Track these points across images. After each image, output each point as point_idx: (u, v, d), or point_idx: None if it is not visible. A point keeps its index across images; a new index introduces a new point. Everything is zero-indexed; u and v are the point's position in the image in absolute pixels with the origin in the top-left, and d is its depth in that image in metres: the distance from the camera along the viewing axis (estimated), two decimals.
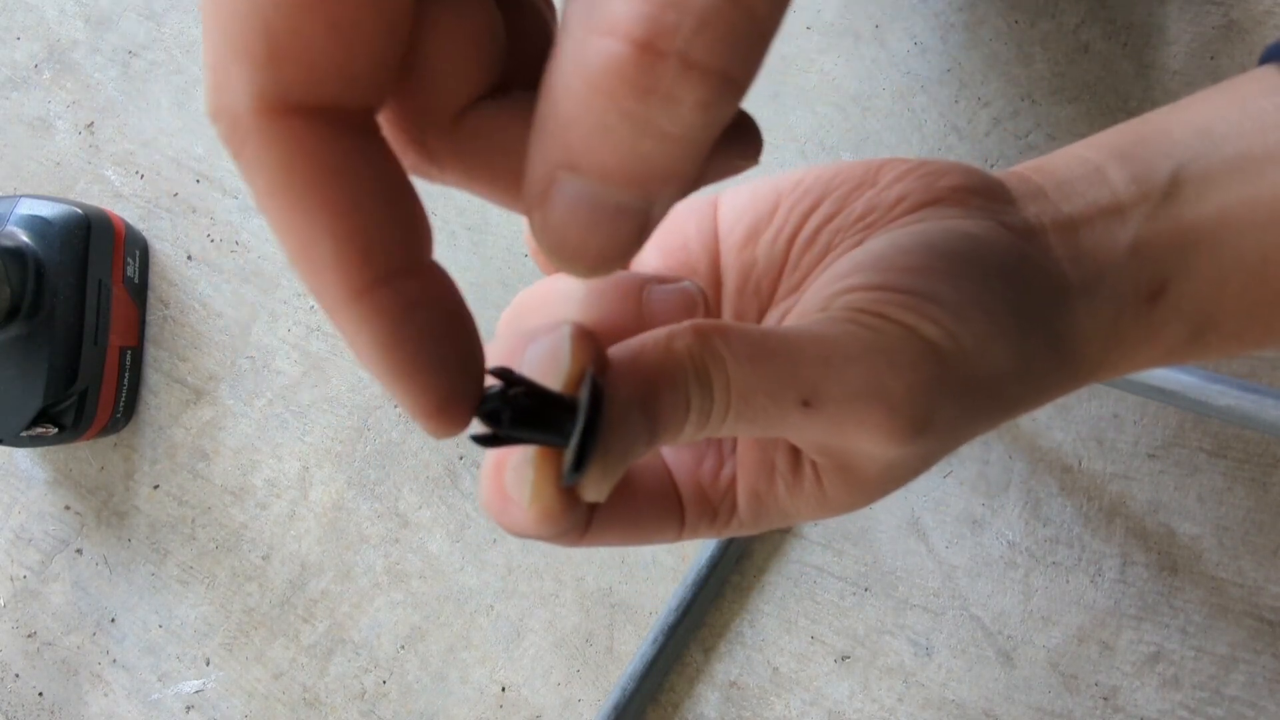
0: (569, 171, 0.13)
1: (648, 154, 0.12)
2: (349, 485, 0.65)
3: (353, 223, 0.14)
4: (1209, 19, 0.54)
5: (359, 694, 0.62)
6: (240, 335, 0.69)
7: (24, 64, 0.77)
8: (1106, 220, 0.20)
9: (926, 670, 0.53)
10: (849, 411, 0.17)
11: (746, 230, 0.21)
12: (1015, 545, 0.53)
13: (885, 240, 0.20)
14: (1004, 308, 0.19)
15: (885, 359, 0.17)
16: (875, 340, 0.17)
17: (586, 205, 0.13)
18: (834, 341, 0.17)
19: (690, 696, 0.56)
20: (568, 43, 0.12)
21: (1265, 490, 0.50)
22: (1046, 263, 0.20)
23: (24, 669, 0.69)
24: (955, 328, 0.18)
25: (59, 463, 0.71)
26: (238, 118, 0.13)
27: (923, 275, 0.18)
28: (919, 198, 0.20)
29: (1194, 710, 0.49)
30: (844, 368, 0.17)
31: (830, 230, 0.20)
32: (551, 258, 0.14)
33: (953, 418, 0.18)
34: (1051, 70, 0.57)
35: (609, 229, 0.13)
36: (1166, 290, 0.20)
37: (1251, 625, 0.49)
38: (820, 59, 0.61)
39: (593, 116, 0.12)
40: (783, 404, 0.17)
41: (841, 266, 0.20)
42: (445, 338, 0.15)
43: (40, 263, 0.64)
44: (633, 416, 0.16)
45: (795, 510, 0.20)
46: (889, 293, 0.18)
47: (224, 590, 0.66)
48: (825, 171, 0.21)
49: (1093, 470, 0.53)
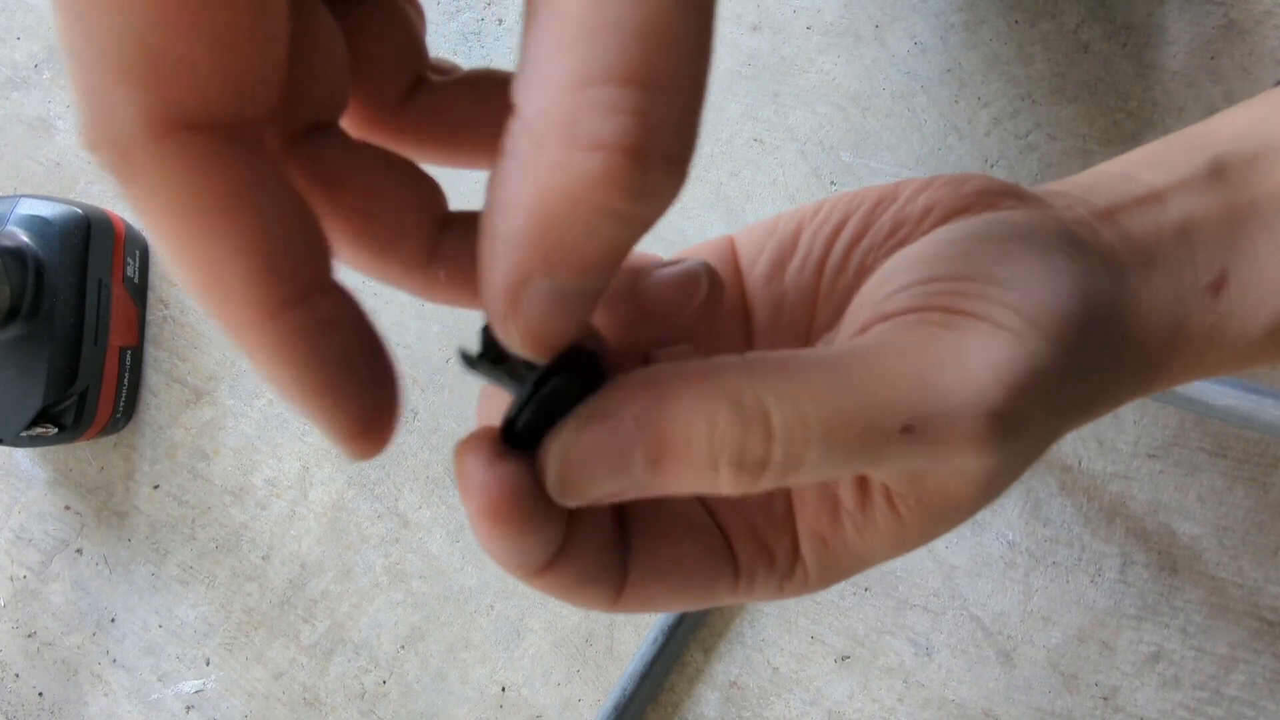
0: (544, 276, 0.13)
1: (622, 244, 0.13)
2: (349, 485, 0.65)
3: (259, 241, 0.13)
4: (1209, 19, 0.54)
5: (359, 694, 0.62)
6: None
7: (24, 64, 0.77)
8: (1144, 208, 0.19)
9: (926, 670, 0.53)
10: (954, 427, 0.15)
11: (771, 262, 0.20)
12: (1015, 545, 0.53)
13: (922, 241, 0.18)
14: (1070, 286, 0.17)
15: (979, 360, 0.16)
16: (959, 340, 0.16)
17: (561, 301, 0.14)
18: (920, 351, 0.16)
19: (690, 696, 0.56)
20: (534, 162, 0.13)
21: (1265, 490, 0.50)
22: (1097, 243, 0.18)
23: (24, 669, 0.69)
24: (1029, 311, 0.16)
25: (59, 463, 0.71)
26: (125, 145, 0.12)
27: (975, 260, 0.17)
28: (947, 205, 0.19)
29: (1194, 710, 0.49)
30: (940, 379, 0.15)
31: (861, 251, 0.19)
32: (526, 352, 0.15)
33: (1049, 415, 0.16)
34: (1051, 70, 0.57)
35: (577, 313, 0.14)
36: (1228, 279, 0.18)
37: (1251, 625, 0.49)
38: (820, 59, 0.61)
39: (579, 223, 0.13)
40: (884, 434, 0.15)
41: (882, 274, 0.18)
42: (361, 357, 0.15)
43: (40, 263, 0.64)
44: (617, 419, 0.15)
45: (869, 550, 0.18)
46: (947, 282, 0.17)
47: (224, 590, 0.66)
48: (844, 195, 0.20)
49: (1093, 470, 0.53)
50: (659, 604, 0.18)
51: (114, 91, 0.12)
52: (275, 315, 0.13)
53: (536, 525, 0.16)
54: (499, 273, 0.14)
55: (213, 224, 0.13)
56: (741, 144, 0.61)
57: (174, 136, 0.12)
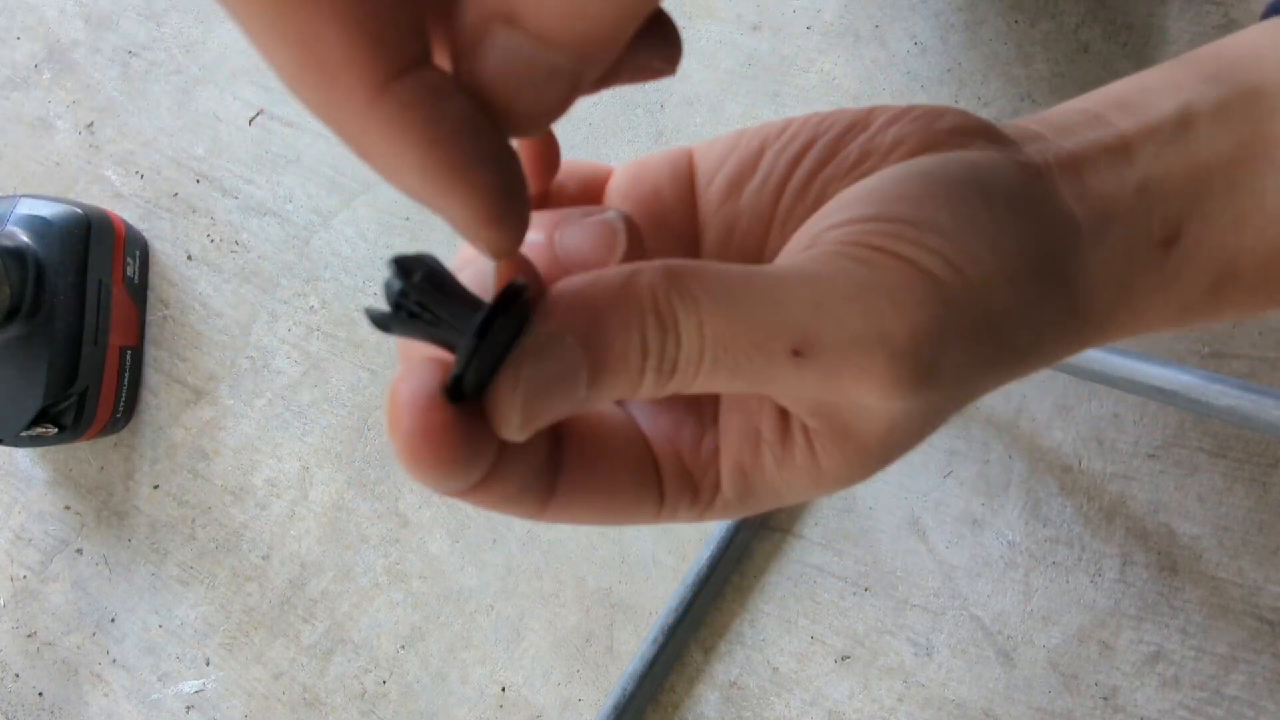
0: (505, 23, 0.13)
1: (588, 10, 0.12)
2: (349, 485, 0.65)
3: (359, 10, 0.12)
4: (1209, 19, 0.54)
5: (359, 694, 0.62)
6: (240, 335, 0.69)
7: (24, 64, 0.77)
8: (1111, 158, 0.18)
9: (926, 670, 0.53)
10: (846, 359, 0.15)
11: (729, 180, 0.19)
12: (1015, 545, 0.53)
13: (877, 175, 0.18)
14: (1011, 240, 0.17)
15: (885, 297, 0.15)
16: (872, 277, 0.16)
17: (519, 60, 0.13)
18: (826, 280, 0.16)
19: (690, 696, 0.56)
20: None
21: (1265, 490, 0.50)
22: (1053, 198, 0.18)
23: (24, 669, 0.69)
24: (959, 260, 0.16)
25: (59, 463, 0.71)
26: None
27: (919, 204, 0.17)
28: (917, 140, 0.18)
29: (1194, 710, 0.49)
30: (838, 308, 0.15)
31: (823, 179, 0.18)
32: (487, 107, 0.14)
33: (960, 365, 0.16)
34: (1051, 70, 0.57)
35: (539, 87, 0.13)
36: (1180, 235, 0.18)
37: (1251, 625, 0.49)
38: (820, 59, 0.61)
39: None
40: (769, 353, 0.15)
41: (830, 205, 0.18)
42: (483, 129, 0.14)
43: (40, 263, 0.64)
44: (564, 345, 0.15)
45: (786, 486, 0.18)
46: (884, 223, 0.16)
47: (224, 590, 0.66)
48: (813, 117, 0.19)
49: (1093, 470, 0.53)
50: (582, 519, 0.18)
51: None
52: (385, 88, 0.13)
53: (472, 458, 0.15)
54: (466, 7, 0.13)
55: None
56: None
57: None
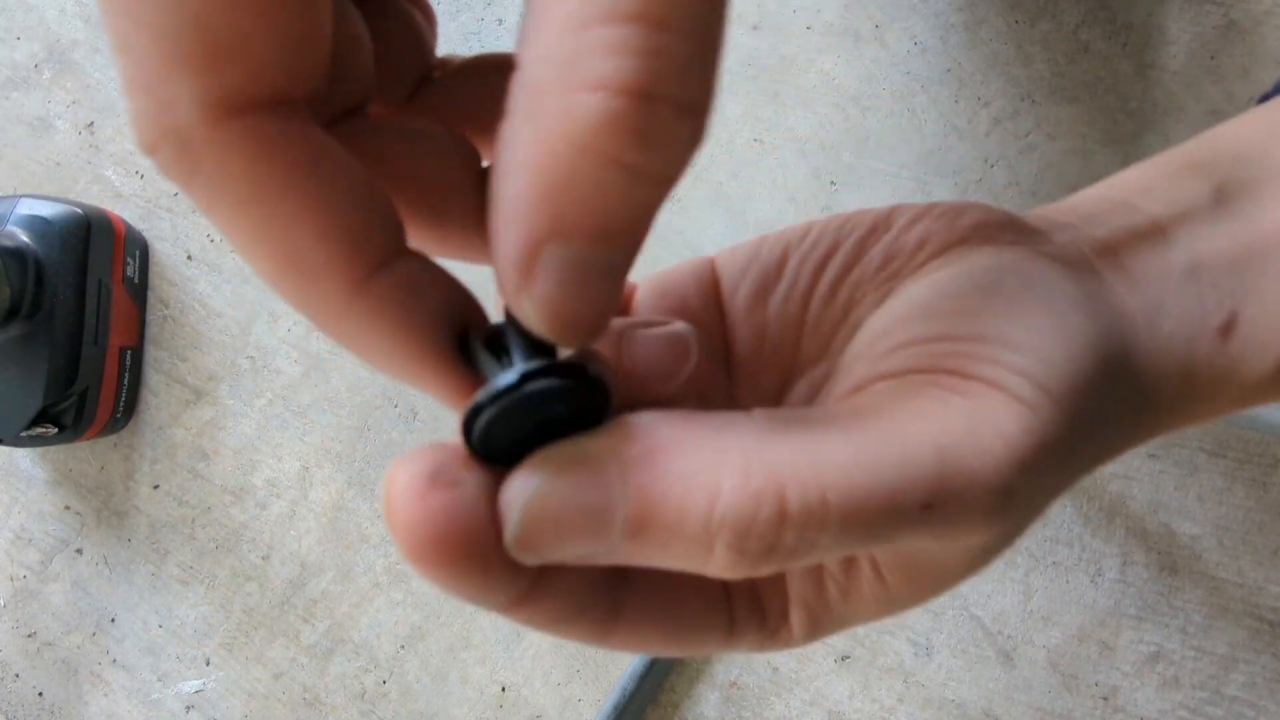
0: (558, 243, 0.12)
1: (638, 204, 0.12)
2: (349, 485, 0.65)
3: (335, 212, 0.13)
4: (1209, 19, 0.54)
5: (359, 694, 0.62)
6: (240, 335, 0.69)
7: (24, 64, 0.77)
8: (1149, 243, 0.18)
9: (926, 670, 0.53)
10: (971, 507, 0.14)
11: (754, 288, 0.19)
12: (1015, 545, 0.53)
13: (924, 285, 0.17)
14: (1081, 345, 0.16)
15: (994, 434, 0.14)
16: (974, 411, 0.14)
17: (578, 272, 0.12)
18: (936, 421, 0.14)
19: (690, 696, 0.56)
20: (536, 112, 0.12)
21: (1265, 490, 0.50)
22: (1105, 292, 0.17)
23: (24, 669, 0.69)
24: (1044, 378, 0.15)
25: (59, 463, 0.71)
26: (187, 136, 0.12)
27: (983, 319, 0.15)
28: (943, 239, 0.18)
29: (1194, 710, 0.49)
30: (960, 454, 0.14)
31: (850, 284, 0.18)
32: (546, 333, 0.13)
33: (1050, 484, 0.15)
34: (1051, 70, 0.57)
35: (601, 291, 0.13)
36: (1238, 320, 0.17)
37: (1251, 625, 0.49)
38: (820, 59, 0.61)
39: (587, 178, 0.11)
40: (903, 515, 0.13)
41: (879, 323, 0.17)
42: (458, 313, 0.14)
43: (40, 263, 0.64)
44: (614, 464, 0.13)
45: (854, 616, 0.17)
46: (956, 343, 0.15)
47: (224, 590, 0.66)
48: (834, 220, 0.19)
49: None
50: (650, 646, 0.17)
51: (172, 80, 0.12)
52: (363, 284, 0.13)
53: (490, 565, 0.13)
54: (509, 242, 0.12)
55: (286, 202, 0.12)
56: (741, 144, 0.61)
57: (236, 119, 0.12)
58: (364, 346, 0.13)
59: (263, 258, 0.13)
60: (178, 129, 0.12)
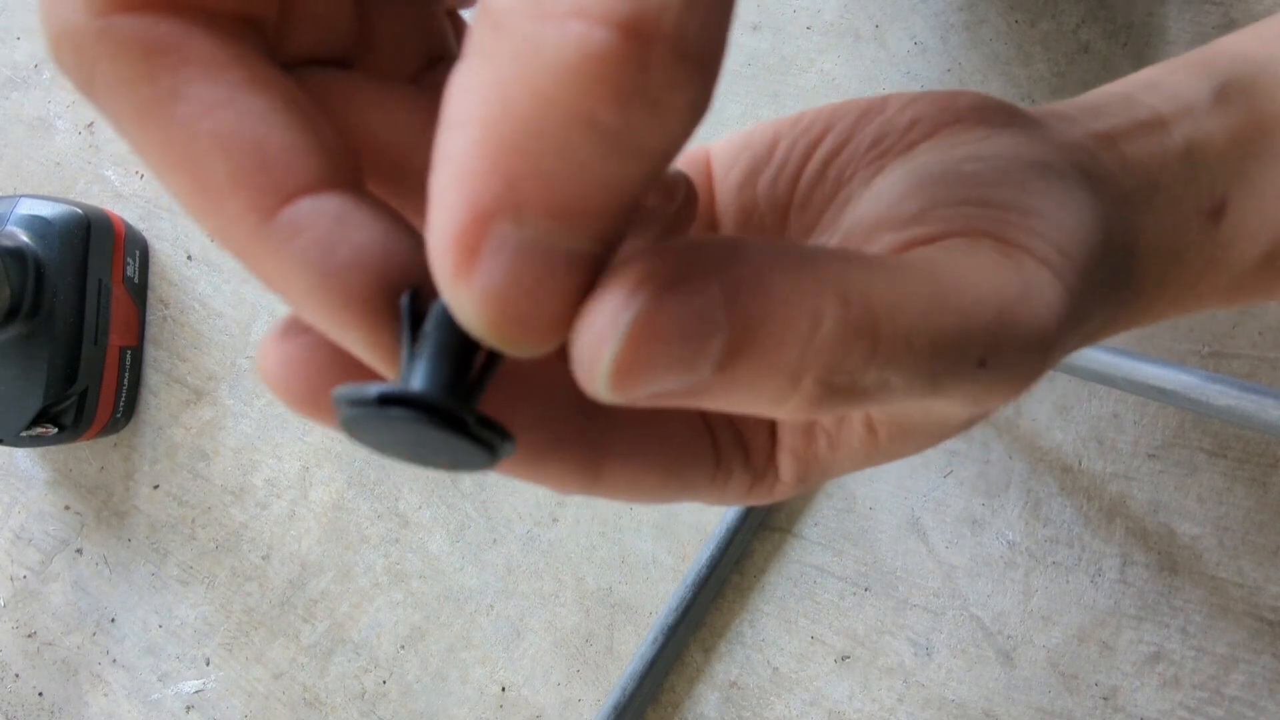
0: (509, 219, 0.10)
1: (614, 179, 0.10)
2: (349, 485, 0.65)
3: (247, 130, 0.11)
4: (1209, 19, 0.54)
5: (359, 694, 0.62)
6: (240, 335, 0.69)
7: (24, 64, 0.77)
8: (1148, 132, 0.18)
9: (926, 670, 0.53)
10: (1015, 367, 0.13)
11: (744, 171, 0.18)
12: (1015, 545, 0.53)
13: (930, 158, 0.16)
14: (1090, 218, 0.15)
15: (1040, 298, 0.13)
16: (1022, 275, 0.14)
17: (533, 260, 0.10)
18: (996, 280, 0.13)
19: (690, 696, 0.56)
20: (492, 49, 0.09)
21: (1265, 490, 0.50)
22: (1099, 170, 0.17)
23: (24, 669, 0.69)
24: (1064, 244, 0.14)
25: (59, 463, 0.71)
26: (80, 34, 0.11)
27: (1005, 188, 0.15)
28: (936, 119, 0.17)
29: (1194, 710, 0.49)
30: (1015, 312, 0.13)
31: (840, 163, 0.17)
32: (486, 336, 0.10)
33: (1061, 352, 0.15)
34: (1051, 70, 0.57)
35: (560, 287, 0.10)
36: (1228, 204, 0.17)
37: (1251, 625, 0.49)
38: (820, 59, 0.61)
39: (548, 137, 0.09)
40: (964, 366, 0.12)
41: (889, 188, 0.16)
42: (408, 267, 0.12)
43: (40, 263, 0.64)
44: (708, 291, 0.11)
45: (839, 467, 0.17)
46: (986, 209, 0.14)
47: (224, 590, 0.66)
48: (827, 107, 0.18)
49: (1093, 470, 0.53)
50: (640, 488, 0.15)
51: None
52: (274, 211, 0.11)
53: None
54: (447, 213, 0.10)
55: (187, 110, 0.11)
56: None
57: (127, 14, 0.11)
58: (276, 283, 0.12)
59: (167, 176, 0.11)
60: (72, 28, 0.11)
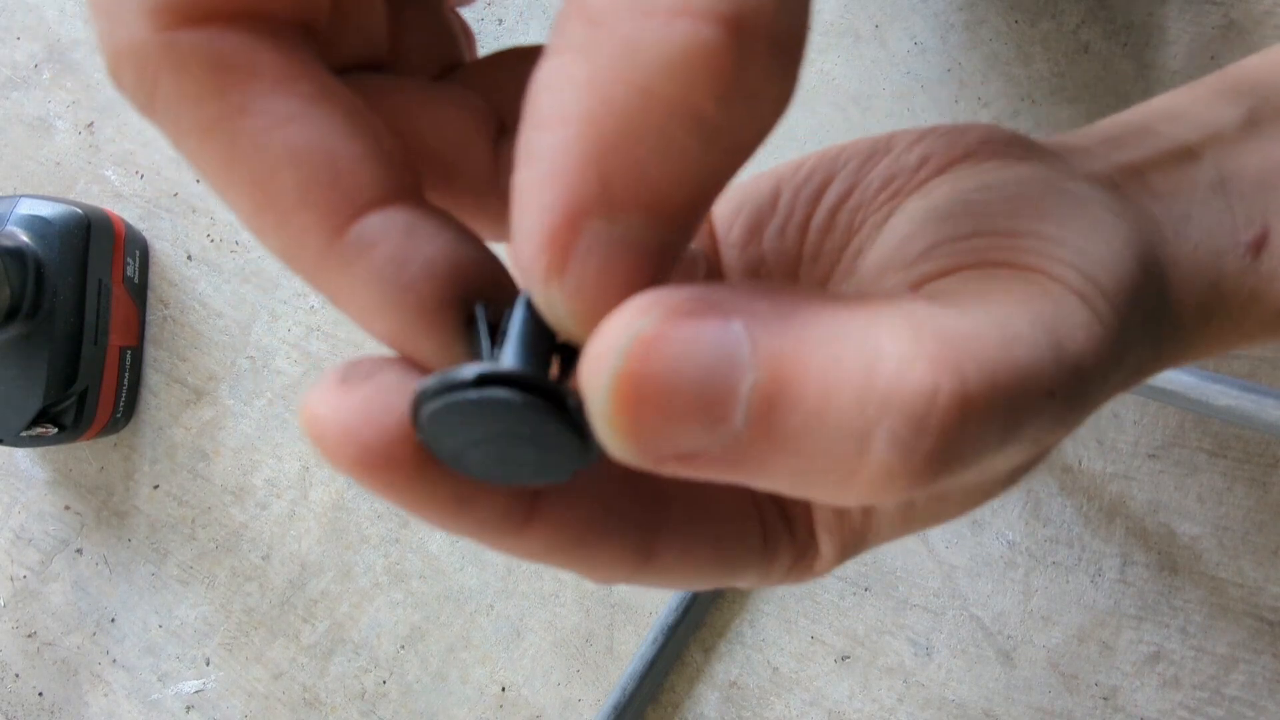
0: (603, 216, 0.09)
1: (709, 171, 0.10)
2: (349, 485, 0.65)
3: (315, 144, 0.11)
4: (1209, 19, 0.54)
5: (359, 694, 0.62)
6: (240, 335, 0.69)
7: (24, 64, 0.77)
8: (1176, 162, 0.16)
9: (926, 670, 0.53)
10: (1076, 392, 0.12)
11: (746, 226, 0.17)
12: (1015, 545, 0.53)
13: (939, 194, 0.15)
14: (1122, 243, 0.14)
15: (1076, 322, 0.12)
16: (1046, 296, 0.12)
17: (624, 255, 0.10)
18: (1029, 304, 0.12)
19: (690, 696, 0.56)
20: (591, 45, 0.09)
21: (1265, 490, 0.50)
22: (1128, 199, 0.16)
23: (24, 669, 0.69)
24: (1090, 271, 0.13)
25: (59, 463, 0.71)
26: (142, 52, 0.10)
27: (1014, 216, 0.13)
28: (946, 155, 0.16)
29: (1194, 710, 0.49)
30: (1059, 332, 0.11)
31: (849, 209, 0.16)
32: (579, 331, 0.10)
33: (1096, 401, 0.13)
34: (1051, 70, 0.57)
35: (650, 280, 0.10)
36: (1270, 236, 0.16)
37: (1251, 625, 0.49)
38: (820, 59, 0.61)
39: (650, 132, 0.09)
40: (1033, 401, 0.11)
41: (897, 231, 0.15)
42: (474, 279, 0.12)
43: (40, 263, 0.64)
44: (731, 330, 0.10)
45: (874, 538, 0.16)
46: (993, 238, 0.13)
47: (224, 590, 0.66)
48: (829, 151, 0.17)
49: (1093, 470, 0.53)
50: (690, 575, 0.14)
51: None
52: (344, 228, 0.11)
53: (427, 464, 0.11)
54: (540, 213, 0.10)
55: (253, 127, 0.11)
56: None
57: (191, 29, 0.10)
58: (345, 299, 0.11)
59: (232, 193, 0.11)
60: (133, 45, 0.10)
